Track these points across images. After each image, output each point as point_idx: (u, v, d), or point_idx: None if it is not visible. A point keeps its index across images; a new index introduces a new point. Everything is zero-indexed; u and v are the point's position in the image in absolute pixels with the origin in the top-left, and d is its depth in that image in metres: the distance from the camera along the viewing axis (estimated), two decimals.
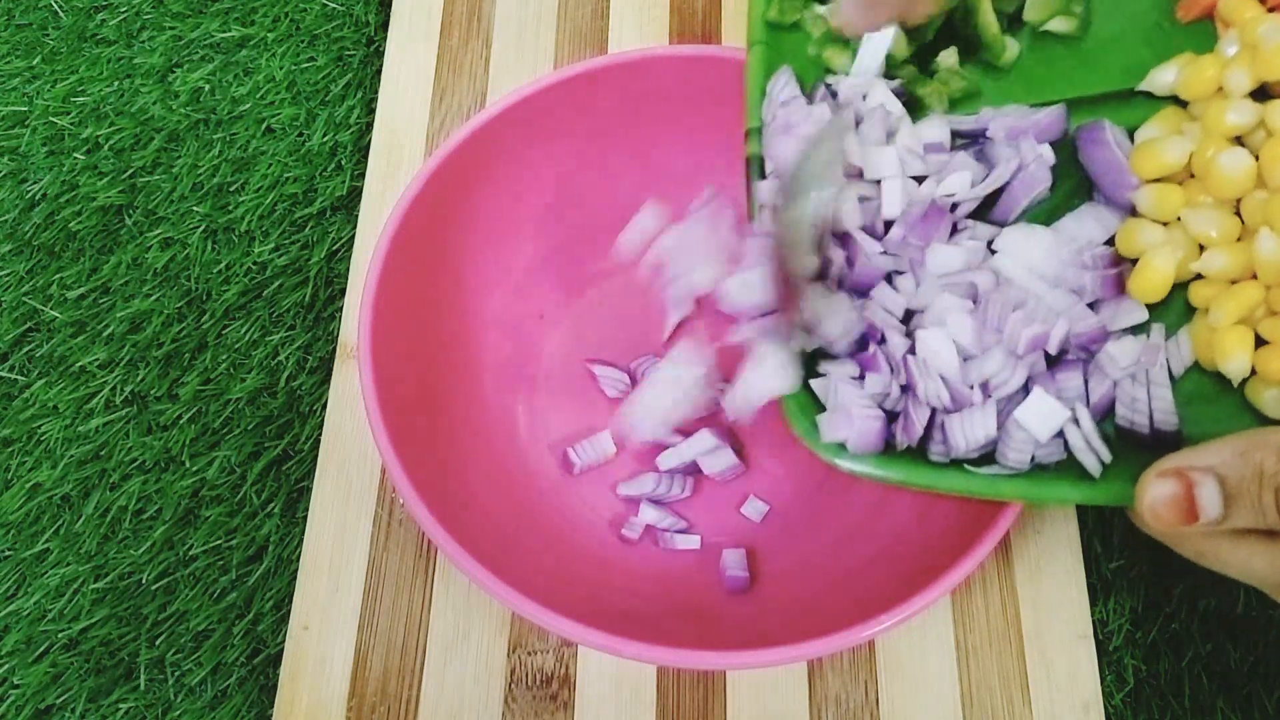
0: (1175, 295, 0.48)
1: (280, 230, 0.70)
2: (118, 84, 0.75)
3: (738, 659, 0.47)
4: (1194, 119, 0.49)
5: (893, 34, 0.52)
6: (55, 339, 0.68)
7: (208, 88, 0.75)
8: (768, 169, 0.51)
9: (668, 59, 0.59)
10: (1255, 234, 0.45)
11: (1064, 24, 0.53)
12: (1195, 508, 0.41)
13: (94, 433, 0.65)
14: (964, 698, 0.56)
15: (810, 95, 0.52)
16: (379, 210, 0.68)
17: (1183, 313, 0.48)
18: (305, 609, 0.59)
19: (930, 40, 0.54)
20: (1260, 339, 0.45)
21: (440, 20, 0.74)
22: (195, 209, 0.71)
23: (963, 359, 0.47)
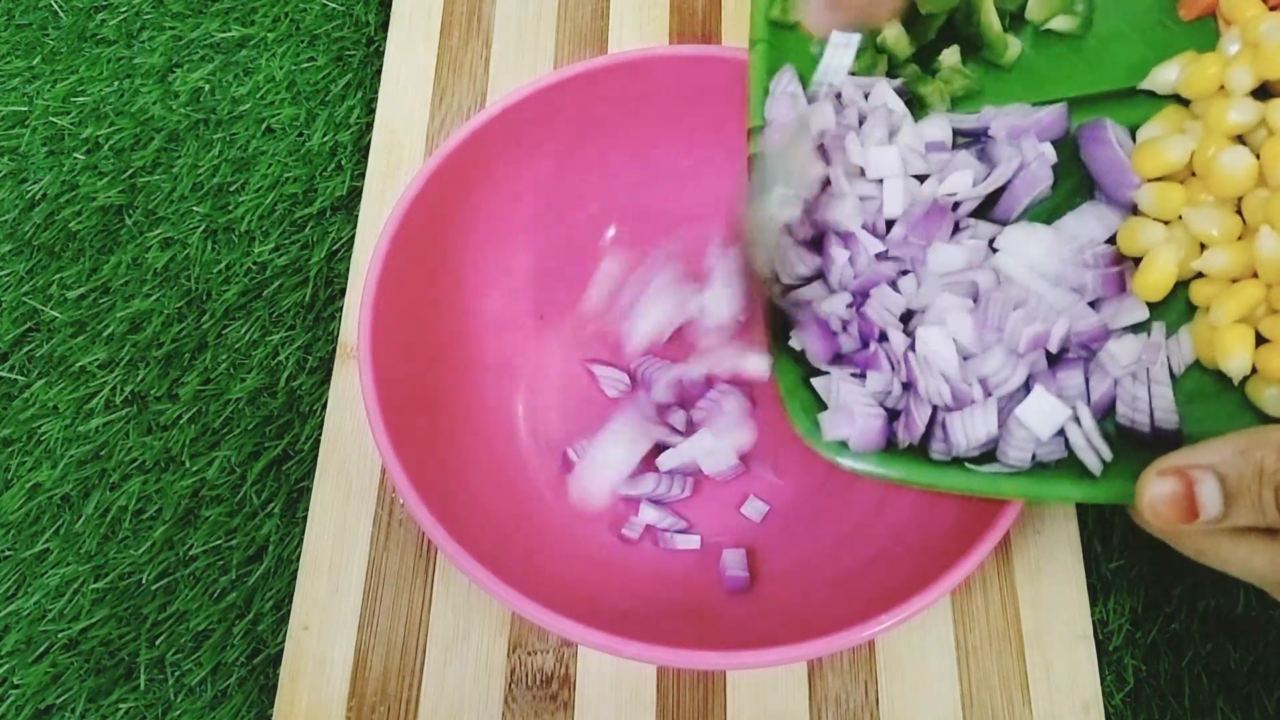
0: (1176, 294, 0.48)
1: (280, 230, 0.70)
2: (118, 84, 0.75)
3: (738, 659, 0.47)
4: (1196, 117, 0.49)
5: (858, 40, 0.51)
6: (55, 339, 0.68)
7: (208, 88, 0.75)
8: None
9: (668, 59, 0.59)
10: (1256, 232, 0.45)
11: (1066, 22, 0.53)
12: (1195, 506, 0.41)
13: (94, 433, 0.65)
14: (964, 698, 0.56)
15: (812, 94, 0.52)
16: (379, 210, 0.68)
17: (1183, 311, 0.48)
18: (305, 609, 0.59)
19: (932, 39, 0.54)
20: (1261, 337, 0.45)
21: (440, 20, 0.74)
22: (195, 209, 0.71)
23: (963, 357, 0.47)
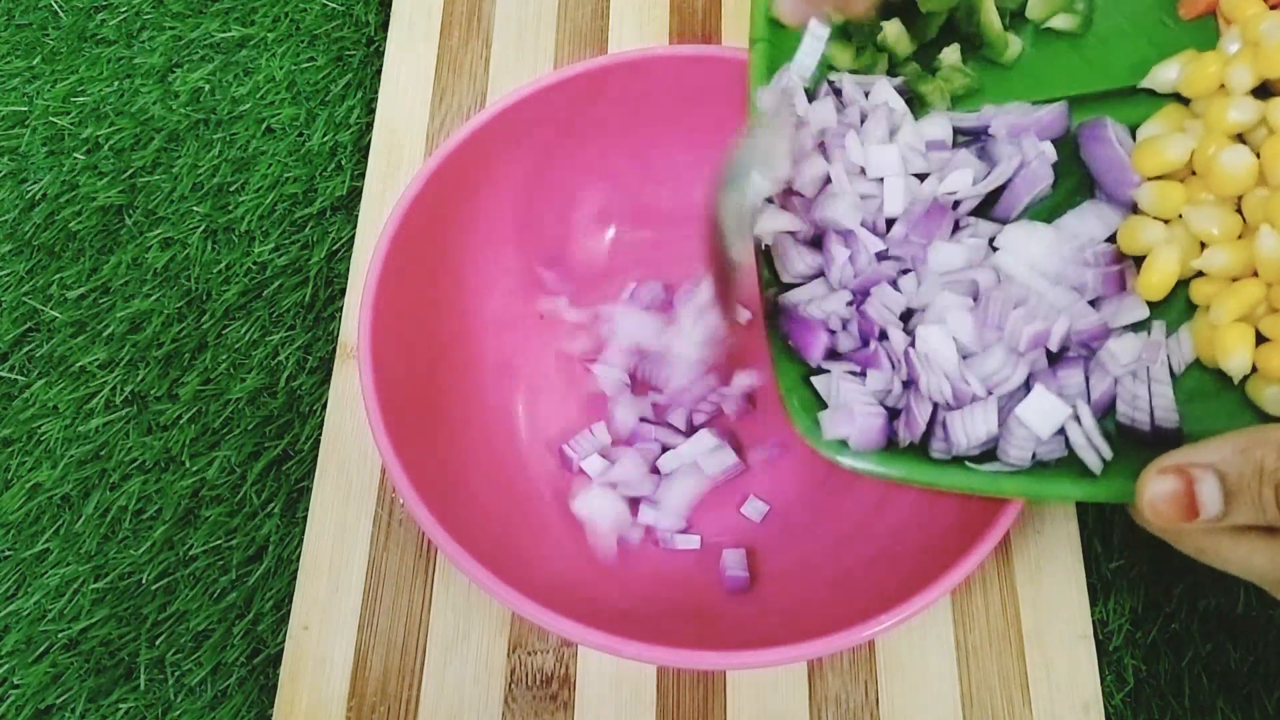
0: (1176, 292, 0.48)
1: (280, 230, 0.70)
2: (118, 84, 0.75)
3: (738, 659, 0.47)
4: (1196, 116, 0.49)
5: (828, 33, 0.51)
6: (55, 339, 0.68)
7: (208, 88, 0.75)
8: None
9: (668, 59, 0.59)
10: (1256, 231, 0.45)
11: (1066, 21, 0.53)
12: (1196, 504, 0.41)
13: (94, 433, 0.65)
14: (964, 698, 0.56)
15: (813, 92, 0.52)
16: (379, 210, 0.68)
17: (1184, 310, 0.48)
18: (305, 609, 0.59)
19: (933, 37, 0.54)
20: (1261, 336, 0.45)
21: (440, 20, 0.74)
22: (195, 209, 0.71)
23: (963, 356, 0.47)
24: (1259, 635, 0.59)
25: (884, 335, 0.48)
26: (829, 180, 0.50)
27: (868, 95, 0.52)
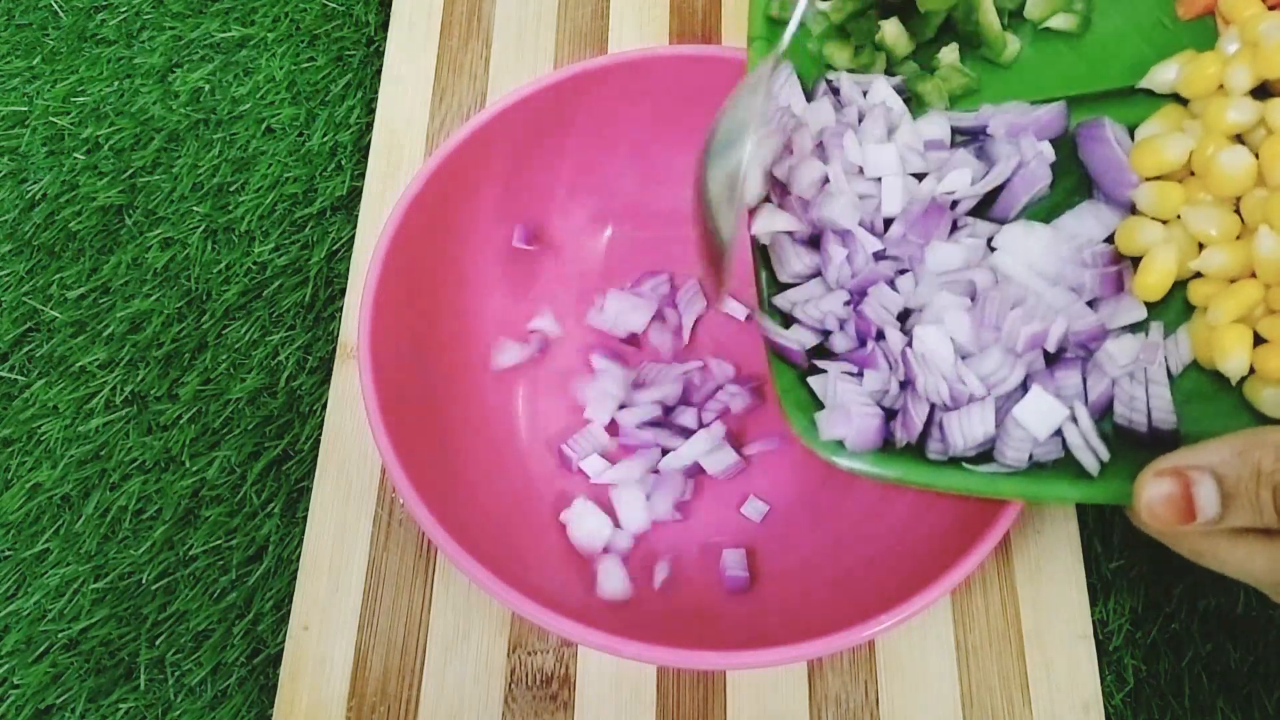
0: (1174, 293, 0.48)
1: (280, 230, 0.70)
2: (118, 84, 0.76)
3: (738, 659, 0.47)
4: (1194, 117, 0.49)
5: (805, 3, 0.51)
6: (55, 339, 0.68)
7: (208, 88, 0.75)
8: None
9: (668, 59, 0.59)
10: (1255, 232, 0.45)
11: (1065, 21, 0.53)
12: (1193, 507, 0.41)
13: (94, 433, 0.65)
14: (964, 698, 0.56)
15: (811, 91, 0.52)
16: (379, 210, 0.68)
17: (1181, 311, 0.48)
18: (305, 609, 0.59)
19: (931, 37, 0.54)
20: (1259, 337, 0.45)
21: (440, 20, 0.74)
22: (195, 209, 0.71)
23: (961, 357, 0.47)
24: (1259, 635, 0.59)
25: (881, 335, 0.48)
26: (827, 180, 0.50)
27: (866, 94, 0.52)
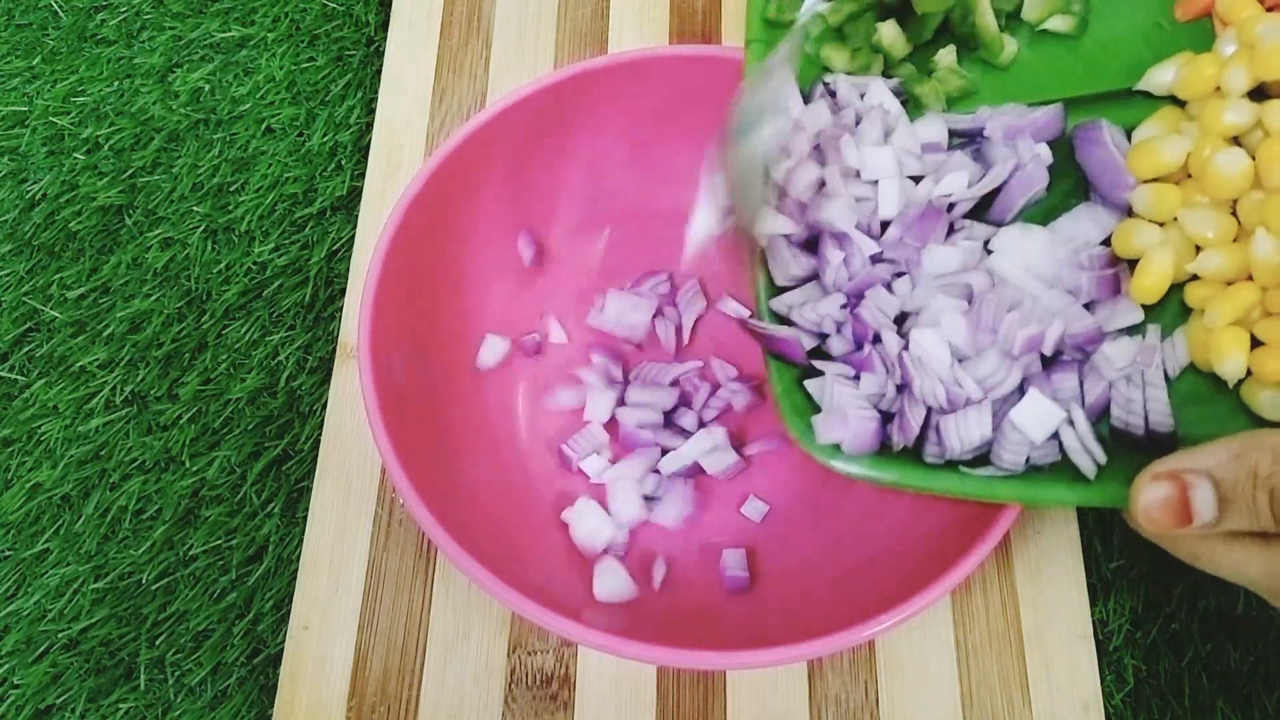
0: (1171, 296, 0.48)
1: (280, 230, 0.70)
2: (118, 84, 0.76)
3: (738, 659, 0.47)
4: (1191, 119, 0.49)
5: None
6: (55, 339, 0.68)
7: (208, 88, 0.75)
8: None
9: (668, 59, 0.59)
10: (1251, 235, 0.45)
11: (1062, 23, 0.53)
12: (1189, 510, 0.41)
13: (94, 433, 0.65)
14: (964, 698, 0.56)
15: (808, 94, 0.52)
16: (379, 210, 0.68)
17: (1178, 313, 0.48)
18: (305, 609, 0.59)
19: (928, 39, 0.54)
20: (1256, 340, 0.45)
21: (440, 20, 0.74)
22: (195, 209, 0.71)
23: (957, 360, 0.47)
24: (1259, 635, 0.59)
25: (878, 338, 0.48)
26: (823, 183, 0.50)
27: (863, 97, 0.52)
